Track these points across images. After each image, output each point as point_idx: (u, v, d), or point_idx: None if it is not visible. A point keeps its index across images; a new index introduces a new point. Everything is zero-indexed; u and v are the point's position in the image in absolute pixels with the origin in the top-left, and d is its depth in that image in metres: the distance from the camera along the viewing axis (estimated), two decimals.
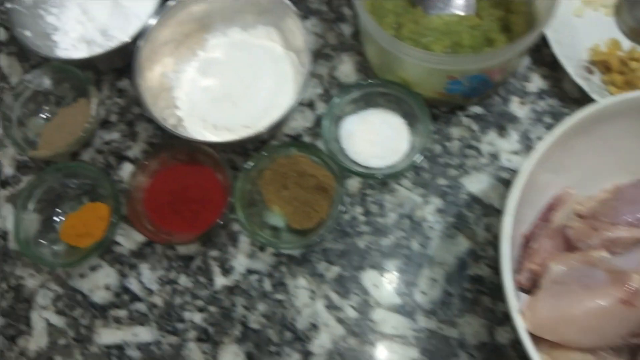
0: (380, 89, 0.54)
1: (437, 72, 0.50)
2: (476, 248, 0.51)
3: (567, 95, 0.56)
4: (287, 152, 0.52)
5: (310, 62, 0.51)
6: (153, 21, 0.53)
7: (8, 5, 0.56)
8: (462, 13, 0.56)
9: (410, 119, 0.54)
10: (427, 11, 0.56)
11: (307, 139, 0.56)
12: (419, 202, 0.53)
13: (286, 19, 0.55)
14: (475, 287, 0.50)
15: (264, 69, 0.56)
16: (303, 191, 0.51)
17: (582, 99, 0.52)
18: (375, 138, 0.53)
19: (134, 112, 0.59)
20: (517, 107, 0.56)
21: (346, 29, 0.60)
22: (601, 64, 0.55)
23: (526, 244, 0.46)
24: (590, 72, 0.55)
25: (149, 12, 0.59)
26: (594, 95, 0.51)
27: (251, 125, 0.54)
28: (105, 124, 0.59)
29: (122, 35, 0.58)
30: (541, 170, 0.42)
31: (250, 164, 0.51)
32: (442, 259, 0.51)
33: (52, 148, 0.54)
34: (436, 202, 0.53)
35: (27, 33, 0.57)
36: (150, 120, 0.58)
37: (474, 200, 0.53)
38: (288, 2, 0.53)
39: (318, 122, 0.57)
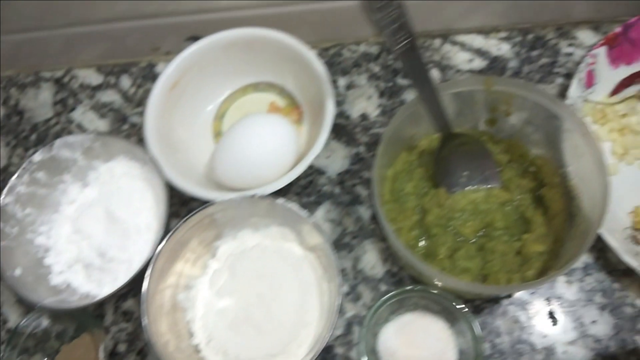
0: (420, 294, 0.49)
1: None
2: None
3: (615, 267, 0.51)
4: None
5: (340, 286, 0.45)
6: (158, 246, 0.48)
7: None
8: (487, 186, 0.52)
9: (449, 316, 0.49)
10: (450, 190, 0.52)
11: (339, 350, 0.51)
12: None
13: (301, 224, 0.50)
14: None
15: (284, 280, 0.50)
16: None
17: (633, 270, 0.47)
18: (419, 353, 0.48)
19: (144, 338, 0.53)
20: (564, 287, 0.51)
21: (364, 212, 0.55)
22: None
23: None
24: (637, 242, 0.51)
25: (148, 223, 0.54)
26: None
27: (279, 353, 0.48)
28: (113, 356, 0.53)
29: (122, 254, 0.53)
30: None
31: None
32: None
33: None
34: None
35: (17, 272, 0.51)
36: None
37: None
38: (298, 211, 0.48)
39: (349, 327, 0.51)
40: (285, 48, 0.56)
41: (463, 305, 0.46)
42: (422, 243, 0.51)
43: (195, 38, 0.59)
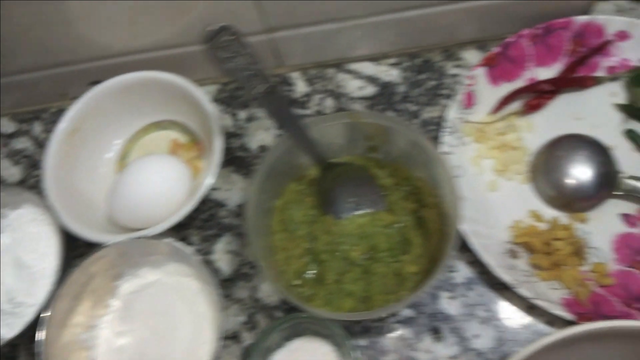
0: (308, 320, 0.51)
1: None
2: None
3: (497, 280, 0.53)
4: None
5: (222, 321, 0.48)
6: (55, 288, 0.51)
7: None
8: (372, 210, 0.54)
9: (335, 340, 0.51)
10: (337, 216, 0.54)
11: None
12: None
13: (190, 260, 0.52)
14: None
15: (179, 315, 0.53)
16: None
17: None
18: None
19: None
20: (447, 303, 0.53)
21: None
22: (525, 245, 0.53)
23: None
24: (515, 256, 0.53)
25: (53, 267, 0.56)
26: (520, 291, 0.49)
27: None
28: None
29: (30, 300, 0.55)
30: None
31: None
32: None
33: None
34: None
35: None
36: None
37: None
38: (183, 249, 0.51)
39: (246, 355, 0.54)
40: (176, 88, 0.59)
41: (342, 331, 0.48)
42: (313, 270, 0.53)
43: (97, 82, 0.61)
